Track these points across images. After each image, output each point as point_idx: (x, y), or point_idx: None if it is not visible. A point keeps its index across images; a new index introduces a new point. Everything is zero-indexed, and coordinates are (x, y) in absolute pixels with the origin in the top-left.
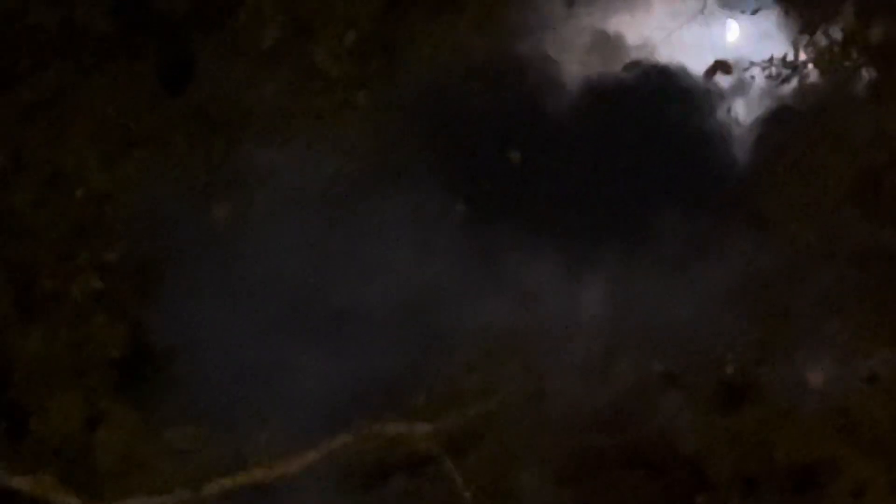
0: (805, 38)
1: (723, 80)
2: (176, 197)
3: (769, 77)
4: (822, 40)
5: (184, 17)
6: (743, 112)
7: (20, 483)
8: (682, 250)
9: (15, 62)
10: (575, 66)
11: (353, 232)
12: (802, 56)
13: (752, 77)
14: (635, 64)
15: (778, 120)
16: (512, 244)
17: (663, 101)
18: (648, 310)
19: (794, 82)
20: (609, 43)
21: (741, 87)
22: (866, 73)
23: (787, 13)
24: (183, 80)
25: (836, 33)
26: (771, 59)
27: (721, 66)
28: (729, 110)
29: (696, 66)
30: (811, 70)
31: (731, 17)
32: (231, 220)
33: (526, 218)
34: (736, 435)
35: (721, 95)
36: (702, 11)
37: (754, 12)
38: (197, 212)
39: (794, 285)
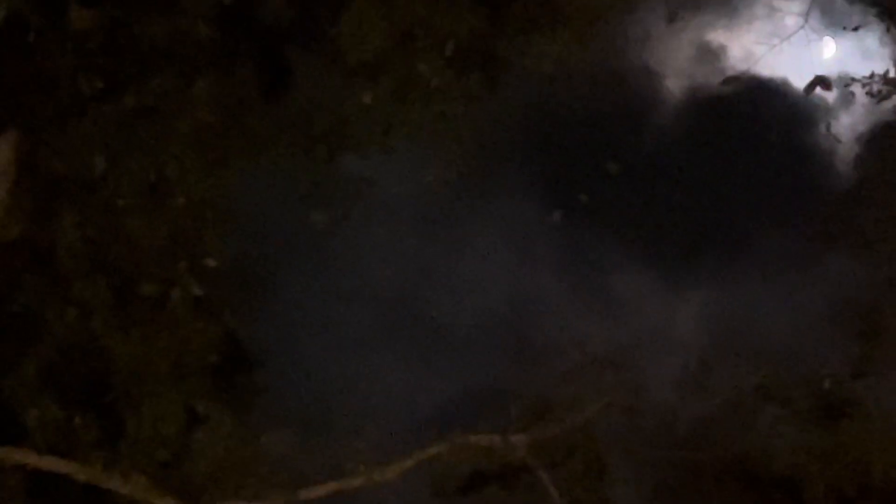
0: None
1: (823, 96)
2: (274, 204)
3: (870, 94)
4: None
5: (286, 26)
6: (843, 128)
7: (116, 484)
8: (780, 265)
9: (119, 70)
10: (675, 79)
11: (450, 241)
12: None
13: (853, 93)
14: (735, 78)
15: (879, 136)
16: (609, 255)
17: (763, 116)
18: (746, 323)
19: (895, 99)
20: (709, 57)
21: (842, 103)
22: None
23: (888, 30)
24: (284, 88)
25: None
26: (872, 76)
27: (821, 82)
28: (829, 126)
29: (797, 81)
30: None
31: (832, 34)
32: (329, 228)
33: (624, 229)
34: (832, 451)
35: (821, 111)
36: (803, 27)
37: (855, 29)
38: (295, 219)
39: (893, 301)
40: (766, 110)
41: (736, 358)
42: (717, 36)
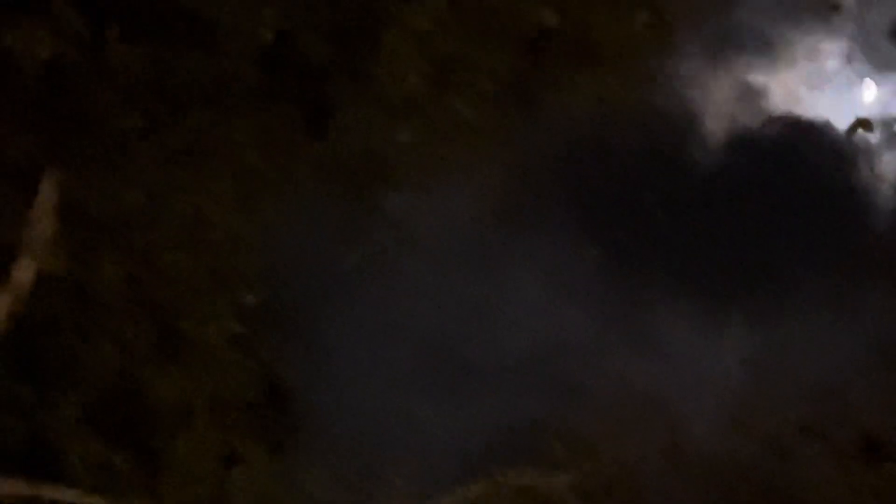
0: None
1: (865, 137)
2: (312, 242)
3: None
4: None
5: (325, 64)
6: (886, 168)
7: None
8: (822, 303)
9: (159, 108)
10: (716, 118)
11: (487, 279)
12: None
13: (891, 136)
14: (777, 119)
15: None
16: (648, 293)
17: (805, 156)
18: (787, 361)
19: None
20: (750, 97)
21: (884, 144)
22: None
23: None
24: (322, 127)
25: None
26: None
27: (863, 124)
28: (872, 167)
29: (839, 122)
30: None
31: (874, 75)
32: (365, 266)
33: (663, 267)
34: (875, 492)
35: (864, 152)
36: (844, 69)
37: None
38: (332, 257)
39: None
40: (808, 151)
41: (777, 396)
42: (758, 77)
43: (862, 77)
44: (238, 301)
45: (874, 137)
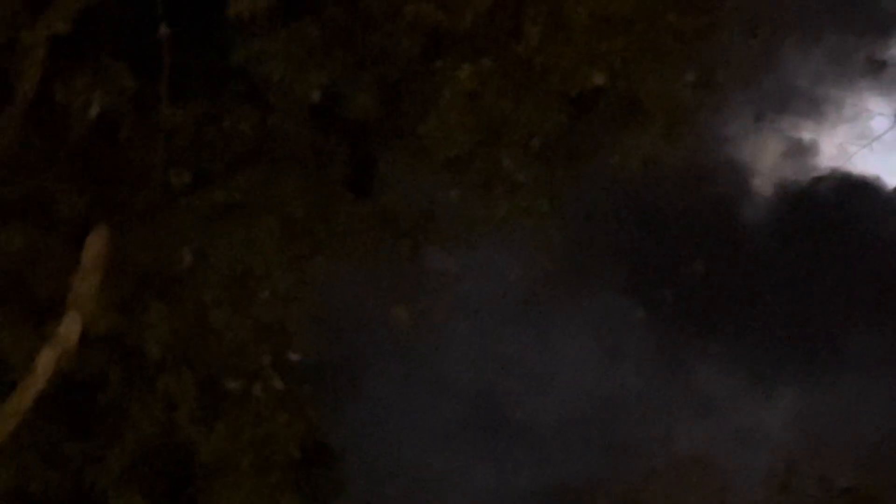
0: None
1: None
2: (358, 299)
3: None
4: None
5: (374, 122)
6: None
7: None
8: (871, 364)
9: (207, 164)
10: (763, 177)
11: (534, 337)
12: None
13: None
14: (825, 177)
15: None
16: (697, 352)
17: (854, 214)
18: (834, 424)
19: None
20: (798, 156)
21: None
22: None
23: None
24: (370, 184)
25: None
26: None
27: None
28: None
29: (887, 179)
30: None
31: None
32: (412, 323)
33: (711, 326)
34: None
35: None
36: (893, 127)
37: None
38: (379, 314)
39: None
40: (857, 208)
41: (824, 459)
42: (805, 135)
43: None
44: (282, 358)
45: None
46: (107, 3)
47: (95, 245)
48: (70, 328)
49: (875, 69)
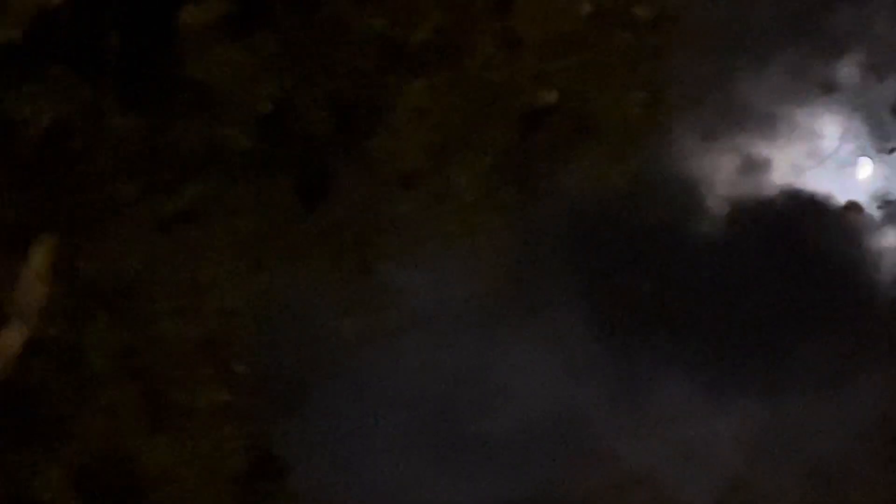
0: None
1: (857, 218)
2: (307, 312)
3: None
4: None
5: (326, 135)
6: (881, 247)
7: None
8: (820, 381)
9: (157, 175)
10: (714, 194)
11: (484, 353)
12: None
13: (890, 214)
14: (777, 195)
15: None
16: (646, 368)
17: (806, 232)
18: (785, 440)
19: None
20: (749, 174)
21: (880, 223)
22: None
23: None
24: (320, 198)
25: None
26: None
27: (853, 207)
28: (872, 243)
29: (834, 199)
30: None
31: (876, 151)
32: (361, 337)
33: (661, 342)
34: None
35: (860, 230)
36: (840, 148)
37: (891, 152)
38: (328, 328)
39: None
40: (809, 227)
41: (775, 475)
42: (757, 153)
43: (863, 152)
44: (229, 370)
45: (876, 213)
46: (58, 10)
47: (42, 255)
48: (11, 338)
49: (827, 89)
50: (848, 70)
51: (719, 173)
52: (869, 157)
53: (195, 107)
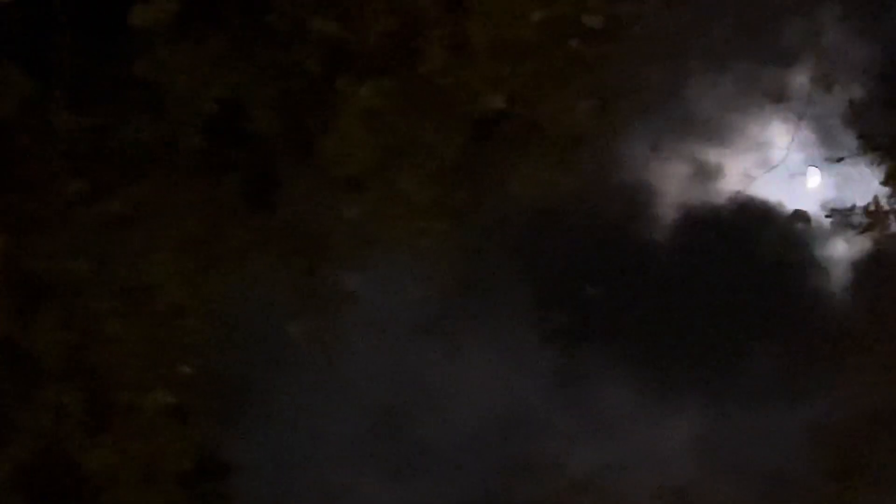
0: (889, 188)
1: (803, 227)
2: (254, 314)
3: (850, 225)
4: None
5: (275, 137)
6: (826, 257)
7: None
8: (767, 387)
9: (104, 174)
10: (663, 202)
11: (433, 357)
12: (885, 206)
13: (836, 224)
14: (726, 202)
15: (861, 267)
16: (595, 374)
17: (753, 240)
18: (732, 446)
19: (876, 230)
20: (698, 181)
21: (827, 232)
22: None
23: (871, 162)
24: (268, 199)
25: None
26: (853, 208)
27: (800, 216)
28: (813, 254)
29: (782, 208)
30: (893, 220)
31: (818, 164)
32: (308, 340)
33: (610, 350)
34: None
35: (807, 240)
36: (788, 158)
37: (839, 161)
38: (275, 330)
39: (871, 437)
40: (758, 233)
41: (721, 482)
42: (707, 160)
43: (813, 162)
44: (175, 371)
45: (825, 222)
46: (6, 8)
47: None
48: None
49: (777, 99)
50: (798, 80)
51: (669, 181)
52: (818, 166)
53: (143, 106)
